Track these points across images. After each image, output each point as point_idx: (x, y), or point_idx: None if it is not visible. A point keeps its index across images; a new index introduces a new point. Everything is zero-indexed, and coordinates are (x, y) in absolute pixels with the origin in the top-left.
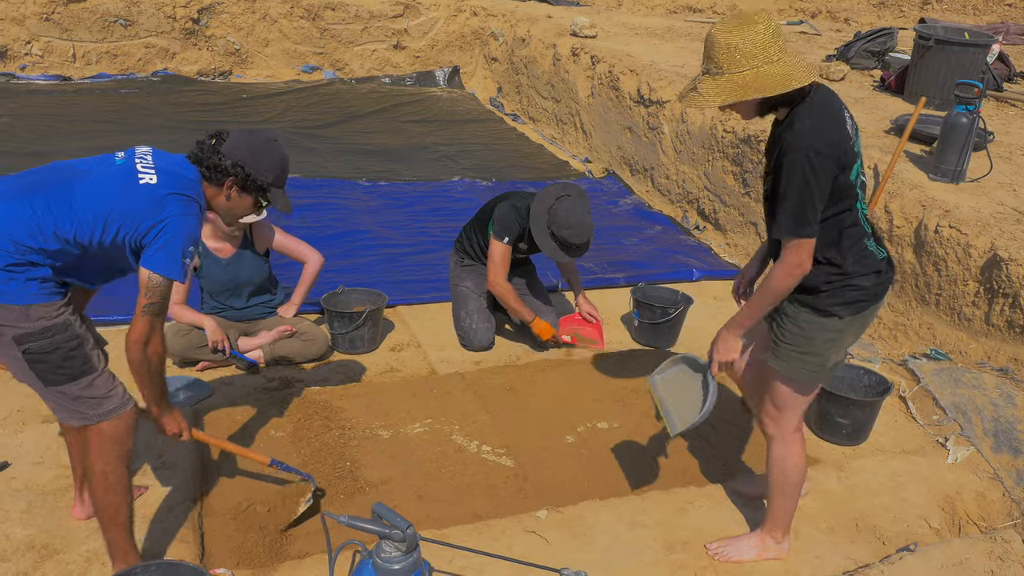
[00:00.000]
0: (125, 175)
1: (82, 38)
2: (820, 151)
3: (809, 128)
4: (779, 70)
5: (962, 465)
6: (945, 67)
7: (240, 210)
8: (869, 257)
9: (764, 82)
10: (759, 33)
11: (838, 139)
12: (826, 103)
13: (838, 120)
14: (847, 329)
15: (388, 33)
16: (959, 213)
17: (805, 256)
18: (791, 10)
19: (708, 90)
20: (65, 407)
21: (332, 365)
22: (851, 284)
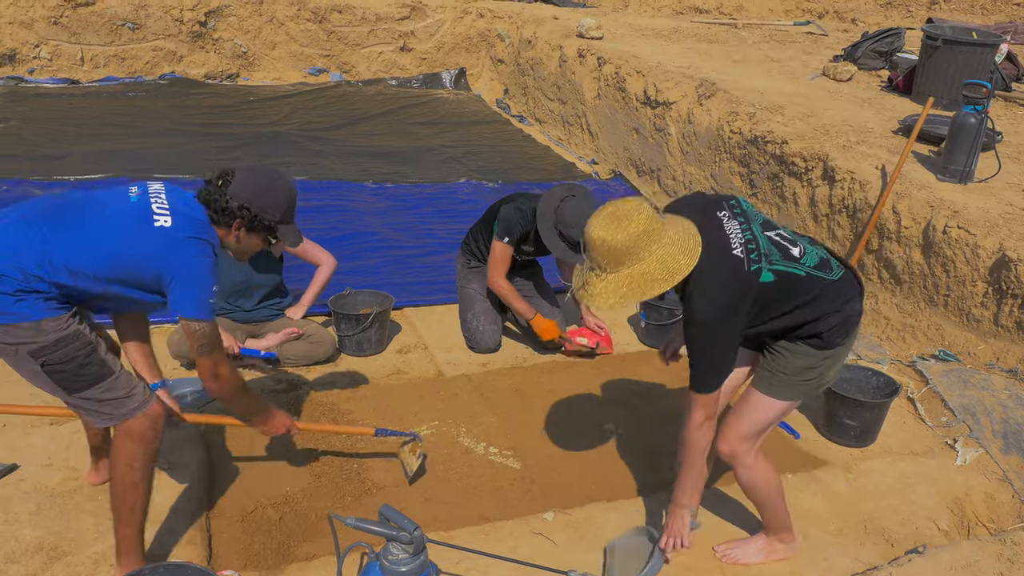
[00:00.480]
0: (140, 214)
1: (90, 41)
2: (715, 323)
3: (701, 303)
4: (660, 267)
5: (971, 467)
6: (953, 67)
7: (249, 248)
8: (838, 289)
9: (649, 281)
10: (633, 231)
11: (731, 292)
12: (711, 259)
13: (726, 269)
14: (847, 348)
15: (394, 35)
16: (967, 214)
17: (713, 408)
18: (798, 10)
19: (598, 289)
20: (93, 411)
21: (339, 367)
22: (846, 316)
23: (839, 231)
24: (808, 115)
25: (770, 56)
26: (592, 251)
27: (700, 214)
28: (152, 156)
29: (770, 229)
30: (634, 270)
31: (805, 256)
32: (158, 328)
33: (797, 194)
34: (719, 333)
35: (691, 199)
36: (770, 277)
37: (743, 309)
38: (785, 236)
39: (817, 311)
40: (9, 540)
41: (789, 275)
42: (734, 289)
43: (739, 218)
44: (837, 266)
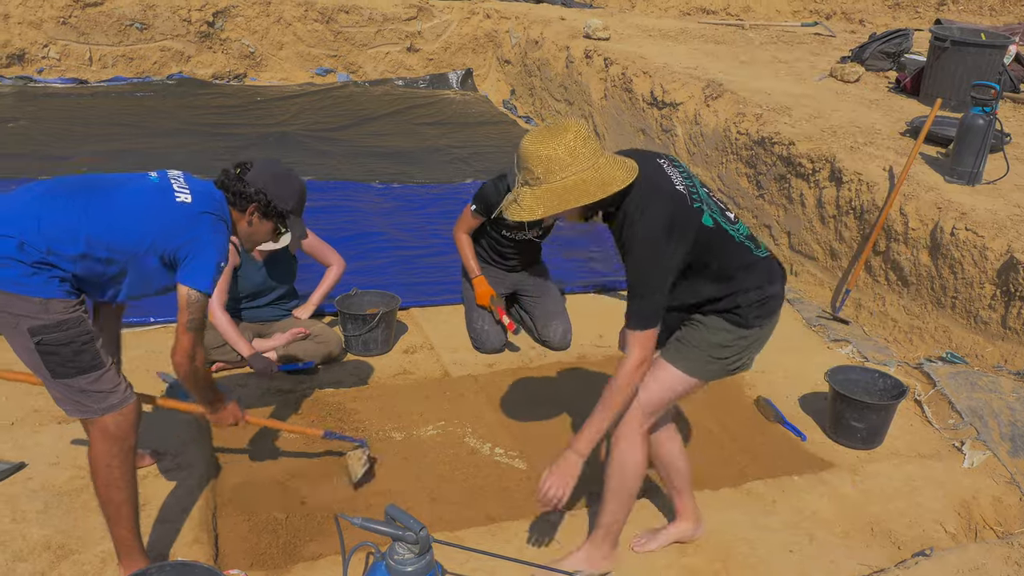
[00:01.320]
0: (162, 192)
1: (98, 41)
2: (657, 240)
3: (642, 222)
4: (596, 175)
5: (978, 469)
6: (961, 68)
7: (260, 235)
8: (763, 267)
9: (584, 189)
10: (570, 141)
11: (672, 213)
12: (652, 186)
13: (667, 194)
14: (763, 334)
15: (401, 36)
16: (975, 215)
17: (651, 348)
18: (805, 11)
19: (528, 202)
20: (70, 399)
21: (346, 367)
22: (767, 296)
23: (846, 232)
24: (815, 116)
25: (777, 57)
26: (526, 163)
27: (640, 156)
28: (160, 156)
29: (707, 188)
30: (568, 180)
31: (738, 223)
32: (165, 327)
33: (804, 195)
34: (660, 253)
35: (627, 152)
36: (710, 222)
37: (684, 239)
38: (719, 201)
39: (741, 283)
40: (17, 538)
41: (724, 232)
42: (676, 214)
43: (679, 168)
44: (764, 249)
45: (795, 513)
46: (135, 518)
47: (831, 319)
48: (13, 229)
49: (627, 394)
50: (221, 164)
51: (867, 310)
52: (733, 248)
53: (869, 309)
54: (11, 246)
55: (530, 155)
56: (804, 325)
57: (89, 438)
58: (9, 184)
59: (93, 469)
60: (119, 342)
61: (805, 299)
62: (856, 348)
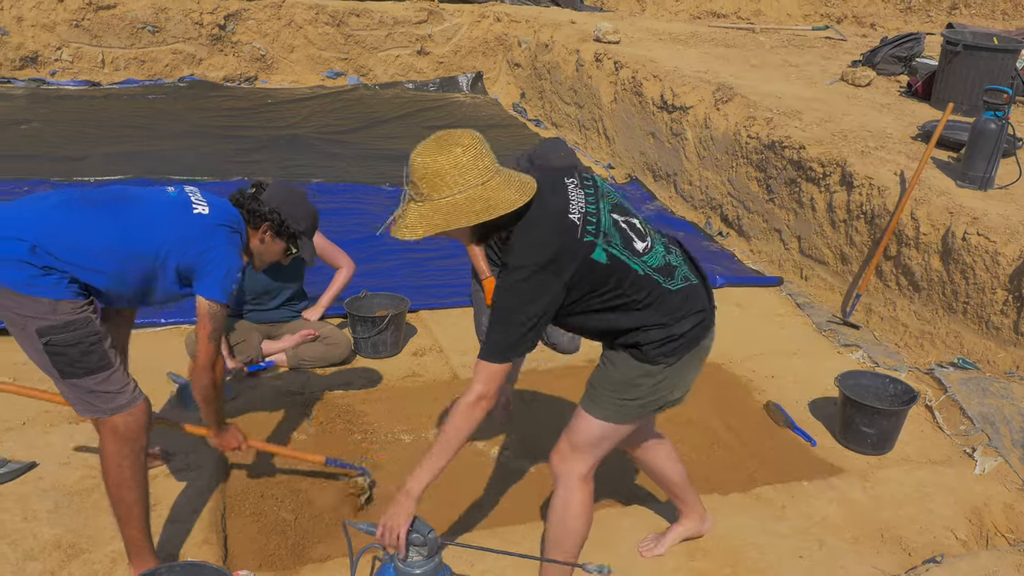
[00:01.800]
0: (180, 204)
1: (111, 44)
2: (531, 273)
3: (520, 251)
4: (483, 195)
5: (990, 476)
6: (973, 72)
7: (270, 255)
8: (672, 302)
9: (468, 208)
10: (458, 156)
11: (557, 247)
12: (542, 214)
13: (555, 224)
14: (678, 371)
15: (412, 39)
16: (987, 220)
17: (495, 384)
18: (816, 15)
19: (411, 219)
20: (79, 399)
21: (355, 369)
22: (671, 334)
23: (857, 237)
24: (826, 120)
25: (788, 61)
26: (412, 177)
27: (546, 174)
28: (171, 158)
29: (621, 213)
30: (453, 199)
31: (649, 255)
32: (175, 328)
33: (815, 200)
34: (530, 286)
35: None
36: (603, 257)
37: (565, 271)
38: (635, 226)
39: (642, 319)
40: (28, 537)
41: (624, 264)
42: (560, 245)
43: (588, 190)
44: (683, 278)
45: (804, 519)
46: (146, 518)
47: (841, 324)
48: (27, 234)
49: (465, 433)
50: (232, 166)
51: (878, 315)
52: (636, 281)
53: (880, 314)
54: (23, 249)
55: (416, 168)
56: (814, 330)
57: (100, 438)
58: (22, 185)
59: (104, 469)
60: (127, 345)
61: (815, 304)
62: (866, 353)
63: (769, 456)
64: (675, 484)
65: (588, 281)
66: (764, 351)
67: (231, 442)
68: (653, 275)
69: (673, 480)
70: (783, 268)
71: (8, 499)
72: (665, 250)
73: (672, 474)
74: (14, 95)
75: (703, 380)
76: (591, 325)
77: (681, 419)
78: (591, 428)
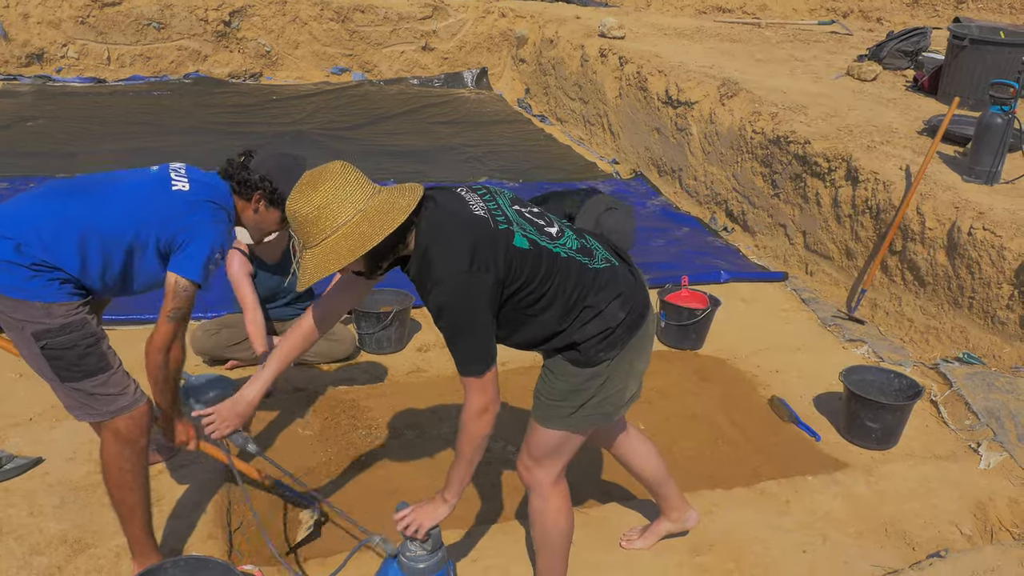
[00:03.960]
0: (159, 182)
1: (116, 41)
2: (460, 274)
3: (440, 258)
4: (366, 221)
5: (995, 471)
6: (980, 67)
7: (267, 224)
8: (601, 280)
9: (357, 240)
10: (320, 200)
11: (474, 241)
12: (445, 215)
13: (464, 222)
14: (625, 364)
15: (416, 35)
16: (993, 215)
17: (490, 390)
18: (822, 10)
19: (307, 265)
20: (80, 403)
21: (359, 365)
22: (607, 327)
23: (862, 232)
24: (832, 115)
25: (793, 56)
26: (292, 226)
27: (437, 191)
28: (176, 154)
29: (522, 206)
30: (333, 238)
31: (563, 238)
32: None
33: (820, 195)
34: (468, 289)
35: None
36: (524, 243)
37: (494, 267)
38: (540, 215)
39: (574, 308)
40: (34, 532)
41: (545, 248)
42: (479, 241)
43: (479, 191)
44: (604, 259)
45: (809, 513)
46: (147, 517)
47: (846, 319)
48: (10, 231)
49: (477, 443)
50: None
51: (883, 310)
52: (562, 265)
53: (885, 309)
54: (8, 248)
55: (291, 218)
56: (819, 325)
57: (101, 441)
58: (27, 181)
59: (106, 471)
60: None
61: (820, 299)
62: (871, 348)
63: (773, 451)
64: (650, 481)
65: (519, 270)
66: (769, 346)
67: (179, 435)
68: (575, 256)
69: (648, 477)
70: (788, 263)
71: (15, 494)
72: (577, 234)
73: (647, 470)
74: (20, 92)
75: (707, 375)
76: (528, 332)
77: (686, 414)
78: (548, 439)
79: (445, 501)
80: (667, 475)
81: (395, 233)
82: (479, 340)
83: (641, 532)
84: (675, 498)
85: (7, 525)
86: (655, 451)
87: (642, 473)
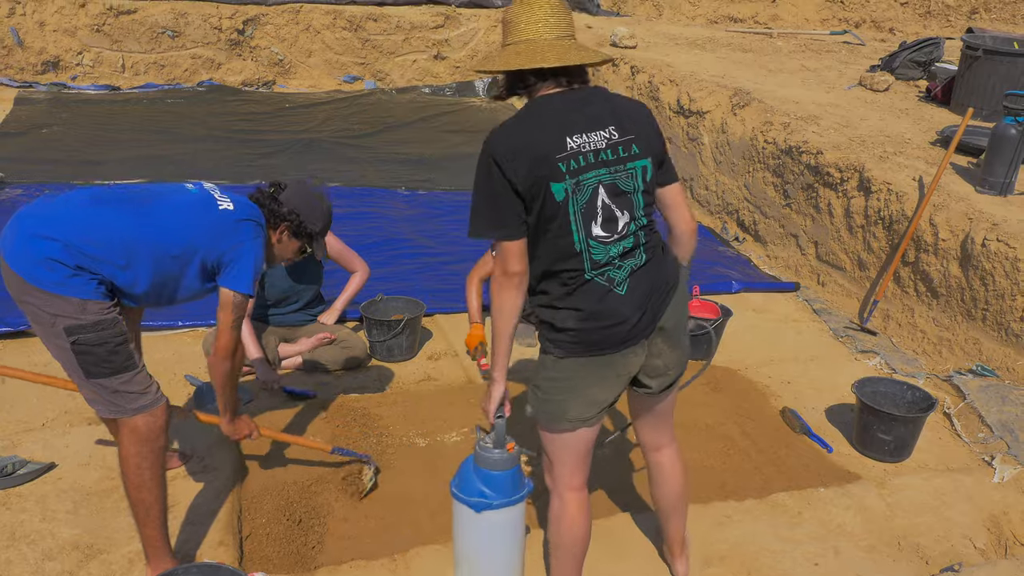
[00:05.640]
0: (205, 202)
1: (131, 49)
2: (495, 156)
3: (499, 130)
4: (514, 51)
5: (1009, 484)
6: (993, 77)
7: (286, 253)
8: (583, 289)
9: (500, 59)
10: (523, 11)
11: (532, 150)
12: (543, 108)
13: (543, 134)
14: (572, 376)
15: (429, 44)
16: (1007, 227)
17: (511, 261)
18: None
19: (544, 51)
20: (103, 399)
21: (370, 372)
22: (555, 322)
23: (874, 243)
24: (844, 125)
25: (805, 66)
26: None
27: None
28: (190, 162)
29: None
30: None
31: (598, 243)
32: (192, 331)
33: (832, 205)
34: (481, 169)
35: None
36: (561, 195)
37: (514, 164)
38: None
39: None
40: (47, 537)
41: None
42: (536, 156)
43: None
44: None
45: (820, 526)
46: (164, 519)
47: (859, 330)
48: (58, 232)
49: (505, 309)
50: (250, 170)
51: (895, 321)
52: (565, 249)
53: (898, 320)
54: (56, 248)
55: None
56: (831, 336)
57: (119, 440)
58: (42, 188)
59: (124, 470)
60: (140, 344)
61: (832, 309)
62: (884, 359)
63: (785, 462)
64: (659, 506)
65: (535, 209)
66: (780, 357)
67: (243, 430)
68: (584, 257)
69: (658, 499)
70: (800, 274)
71: (28, 500)
72: (623, 260)
73: (660, 494)
74: (36, 99)
75: (720, 386)
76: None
77: (698, 425)
78: (540, 431)
79: (494, 380)
80: (677, 512)
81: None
82: (492, 209)
83: None
84: (672, 541)
85: (20, 530)
86: (678, 482)
87: (654, 493)
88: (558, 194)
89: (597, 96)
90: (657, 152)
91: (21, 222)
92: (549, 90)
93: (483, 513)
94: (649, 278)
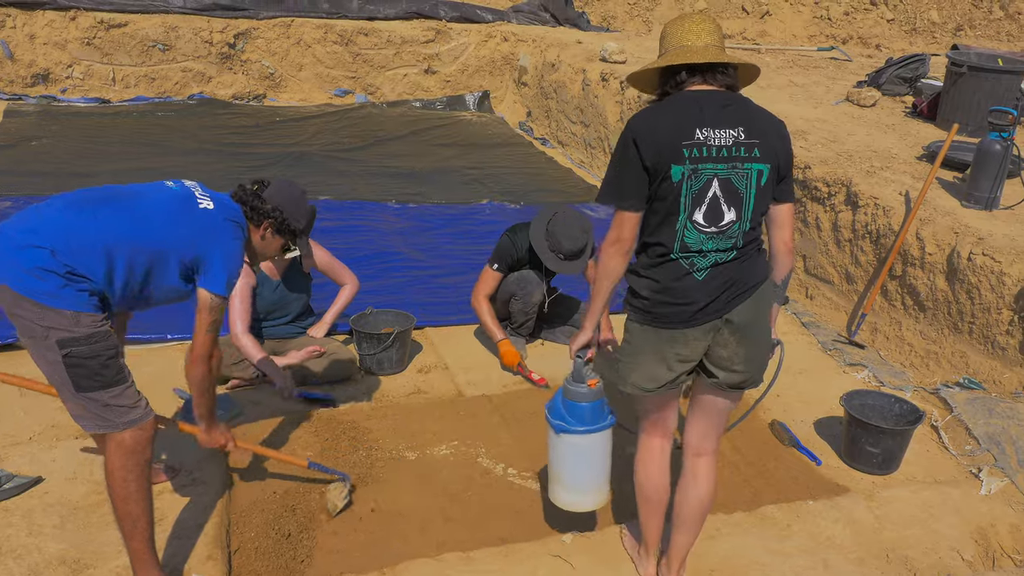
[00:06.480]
0: (185, 199)
1: (121, 62)
2: (634, 134)
3: (642, 112)
4: (669, 56)
5: (996, 497)
6: (978, 94)
7: (270, 250)
8: (664, 266)
9: (657, 62)
10: (678, 24)
11: (660, 129)
12: (685, 99)
13: (677, 120)
14: (640, 345)
15: (419, 58)
16: (992, 241)
17: (624, 230)
18: (822, 36)
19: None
20: (92, 413)
21: (360, 385)
22: (636, 288)
23: (862, 256)
24: (831, 140)
25: (793, 81)
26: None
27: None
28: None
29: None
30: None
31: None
32: (181, 344)
33: (820, 219)
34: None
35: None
36: (677, 176)
37: (652, 144)
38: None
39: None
40: (33, 552)
41: (677, 205)
42: (670, 134)
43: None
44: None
45: (810, 538)
46: (150, 532)
47: (847, 343)
48: (44, 240)
49: (608, 271)
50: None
51: (883, 334)
52: (664, 223)
53: (885, 333)
54: (44, 256)
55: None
56: (819, 349)
57: (105, 453)
58: (30, 201)
59: (110, 483)
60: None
61: (821, 323)
62: (872, 373)
63: (774, 475)
64: (676, 513)
65: (661, 185)
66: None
67: (219, 439)
68: (677, 238)
69: (678, 507)
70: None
71: (14, 514)
72: (713, 252)
73: (681, 500)
74: (25, 112)
75: None
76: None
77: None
78: None
79: (584, 328)
80: (692, 525)
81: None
82: (620, 181)
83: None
84: (674, 555)
85: (6, 545)
86: (706, 492)
87: (678, 497)
88: (675, 176)
89: (736, 100)
90: (779, 164)
91: (4, 235)
92: (695, 86)
93: (561, 436)
94: (731, 273)
